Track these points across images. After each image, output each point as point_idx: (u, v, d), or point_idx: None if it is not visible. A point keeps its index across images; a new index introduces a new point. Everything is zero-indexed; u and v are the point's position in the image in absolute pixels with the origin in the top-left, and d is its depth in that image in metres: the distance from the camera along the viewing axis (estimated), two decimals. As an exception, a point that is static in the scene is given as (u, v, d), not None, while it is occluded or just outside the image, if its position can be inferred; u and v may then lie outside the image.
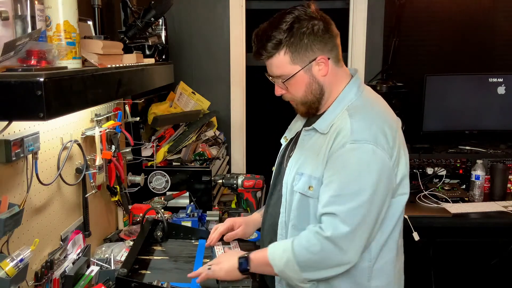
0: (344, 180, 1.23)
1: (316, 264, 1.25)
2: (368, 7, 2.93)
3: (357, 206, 1.21)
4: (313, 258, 1.25)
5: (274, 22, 1.29)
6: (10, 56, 1.02)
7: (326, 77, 1.32)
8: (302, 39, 1.27)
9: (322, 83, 1.33)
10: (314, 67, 1.30)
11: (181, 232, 1.90)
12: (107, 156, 1.80)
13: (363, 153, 1.22)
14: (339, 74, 1.35)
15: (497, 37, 2.98)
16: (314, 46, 1.28)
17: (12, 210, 1.19)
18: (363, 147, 1.22)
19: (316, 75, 1.31)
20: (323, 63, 1.30)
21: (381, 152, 1.23)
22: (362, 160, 1.22)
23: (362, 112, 1.30)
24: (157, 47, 2.13)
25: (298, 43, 1.27)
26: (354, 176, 1.23)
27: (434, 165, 2.70)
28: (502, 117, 2.84)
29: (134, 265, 1.61)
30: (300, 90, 1.34)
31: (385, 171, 1.24)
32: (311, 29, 1.27)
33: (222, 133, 2.98)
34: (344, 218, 1.21)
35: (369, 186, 1.22)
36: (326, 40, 1.29)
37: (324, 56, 1.29)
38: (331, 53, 1.31)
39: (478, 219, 2.36)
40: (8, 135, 1.23)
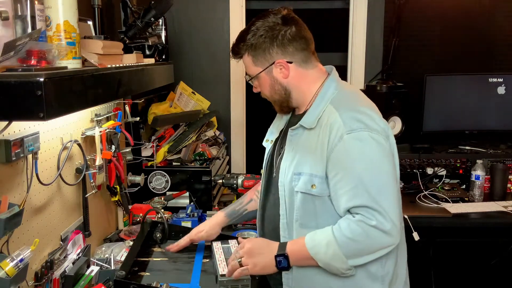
0: (356, 172, 1.27)
1: (363, 251, 1.28)
2: (368, 7, 2.93)
3: (379, 191, 1.26)
4: (359, 247, 1.27)
5: (248, 26, 1.41)
6: (10, 56, 1.02)
7: (289, 79, 1.39)
8: (261, 43, 1.36)
9: (286, 84, 1.40)
10: (274, 69, 1.38)
11: (180, 233, 1.90)
12: (107, 156, 1.80)
13: (363, 140, 1.27)
14: (309, 75, 1.41)
15: (497, 37, 2.98)
16: (272, 51, 1.36)
17: (12, 210, 1.19)
18: (360, 135, 1.27)
19: (277, 77, 1.39)
20: (282, 66, 1.37)
21: (376, 135, 1.29)
22: (365, 147, 1.27)
23: (347, 103, 1.36)
24: (157, 47, 2.13)
25: (258, 47, 1.37)
26: (363, 165, 1.27)
27: (434, 165, 2.70)
28: (502, 117, 2.84)
29: (133, 267, 1.60)
30: (266, 90, 1.44)
31: (386, 150, 1.31)
32: (271, 35, 1.35)
33: (222, 133, 2.98)
34: (376, 206, 1.25)
35: (381, 169, 1.28)
36: (286, 45, 1.36)
37: (282, 60, 1.37)
38: (293, 57, 1.37)
39: (478, 219, 2.36)
40: (8, 135, 1.23)
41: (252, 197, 1.77)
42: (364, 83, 2.97)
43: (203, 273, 1.61)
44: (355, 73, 3.00)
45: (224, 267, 1.53)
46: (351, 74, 3.02)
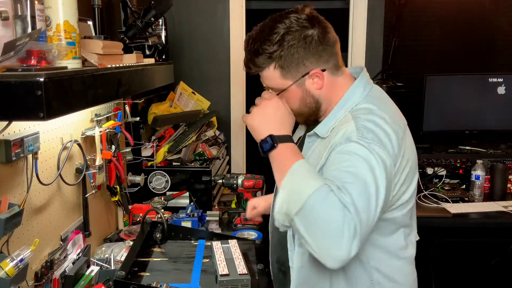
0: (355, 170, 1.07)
1: (314, 223, 1.02)
2: (368, 7, 2.93)
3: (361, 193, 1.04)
4: (317, 218, 1.02)
5: (264, 31, 1.19)
6: (10, 56, 1.02)
7: (322, 89, 1.22)
8: (293, 53, 1.16)
9: (318, 96, 1.23)
10: (307, 81, 1.21)
11: (180, 233, 1.90)
12: (107, 156, 1.80)
13: (372, 150, 1.09)
14: (338, 82, 1.24)
15: (497, 37, 2.98)
16: (306, 61, 1.18)
17: (12, 210, 1.19)
18: (371, 145, 1.09)
19: (310, 89, 1.22)
20: (317, 76, 1.20)
21: (385, 154, 1.11)
22: (372, 156, 1.08)
23: (367, 113, 1.18)
24: (157, 47, 2.13)
25: (288, 58, 1.17)
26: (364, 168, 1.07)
27: (434, 165, 2.70)
28: (502, 117, 2.84)
29: (133, 267, 1.60)
30: (294, 104, 1.25)
31: (388, 171, 1.11)
32: (303, 42, 1.16)
33: (222, 133, 2.98)
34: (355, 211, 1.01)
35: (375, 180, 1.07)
36: (320, 52, 1.18)
37: (317, 70, 1.19)
38: (327, 64, 1.21)
39: (478, 219, 2.36)
40: (8, 135, 1.23)
41: None
42: (364, 83, 2.96)
43: (203, 273, 1.61)
44: (355, 73, 3.00)
45: (224, 267, 1.53)
46: (351, 74, 3.02)
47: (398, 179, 1.16)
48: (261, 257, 1.72)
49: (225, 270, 1.51)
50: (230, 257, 1.61)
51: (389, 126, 1.16)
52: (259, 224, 2.09)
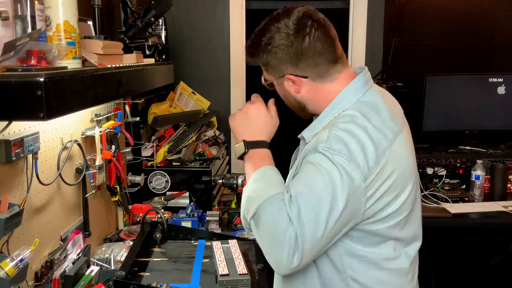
0: (311, 182, 1.08)
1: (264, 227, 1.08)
2: (368, 7, 2.93)
3: (312, 206, 1.05)
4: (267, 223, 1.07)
5: (258, 30, 1.24)
6: (10, 56, 1.02)
7: (302, 93, 1.23)
8: (273, 57, 1.21)
9: (299, 99, 1.25)
10: (285, 82, 1.23)
11: (180, 233, 1.90)
12: (107, 156, 1.80)
13: (335, 163, 1.07)
14: (326, 89, 1.22)
15: (497, 37, 2.99)
16: (282, 66, 1.21)
17: (12, 210, 1.19)
18: (336, 157, 1.08)
19: (289, 90, 1.24)
20: (293, 81, 1.22)
21: (353, 170, 1.07)
22: (334, 169, 1.07)
23: (348, 121, 1.15)
24: (157, 47, 2.13)
25: (270, 59, 1.22)
26: (322, 182, 1.07)
27: (434, 165, 2.70)
28: (502, 117, 2.84)
29: (133, 267, 1.60)
30: (282, 96, 1.31)
31: (353, 190, 1.08)
32: (284, 48, 1.18)
33: (222, 133, 2.98)
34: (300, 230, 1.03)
35: (333, 198, 1.05)
36: (296, 61, 1.19)
37: (292, 76, 1.21)
38: (305, 72, 1.20)
39: (478, 219, 2.36)
40: (8, 135, 1.23)
41: None
42: (364, 83, 2.96)
43: (203, 273, 1.61)
44: (355, 73, 3.00)
45: (224, 267, 1.53)
46: (351, 74, 3.02)
47: (373, 192, 1.11)
48: (261, 257, 1.72)
49: (225, 270, 1.52)
50: (230, 257, 1.61)
51: (368, 136, 1.12)
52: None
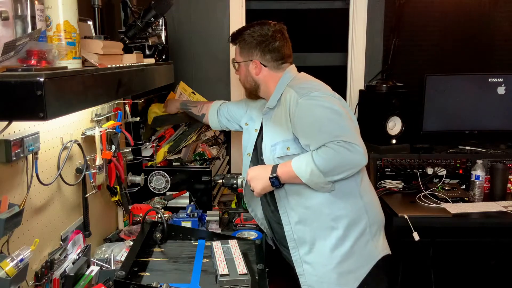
0: (315, 121, 1.60)
1: (336, 167, 1.55)
2: (368, 7, 2.93)
3: (339, 128, 1.57)
4: (332, 163, 1.54)
5: (248, 25, 1.85)
6: (10, 56, 1.02)
7: (259, 76, 1.82)
8: (250, 43, 1.80)
9: (256, 79, 1.83)
10: (250, 65, 1.82)
11: (180, 233, 1.90)
12: (107, 156, 1.80)
13: (315, 97, 1.62)
14: (277, 77, 1.80)
15: (497, 37, 2.99)
16: (253, 52, 1.80)
17: (12, 210, 1.19)
18: (311, 95, 1.63)
19: (251, 72, 1.83)
20: (256, 66, 1.81)
21: (326, 95, 1.66)
22: (318, 103, 1.61)
23: (301, 81, 1.74)
24: (157, 47, 2.13)
25: (246, 44, 1.81)
26: (320, 115, 1.60)
27: (434, 165, 2.70)
28: (502, 117, 2.84)
29: (133, 267, 1.60)
30: (241, 76, 1.89)
31: (337, 102, 1.67)
32: (258, 41, 1.78)
33: (222, 133, 2.98)
34: (341, 136, 1.54)
35: (336, 115, 1.60)
36: (265, 52, 1.79)
37: (258, 62, 1.80)
38: (268, 63, 1.80)
39: (478, 219, 2.36)
40: (8, 135, 1.23)
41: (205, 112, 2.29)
42: (364, 83, 2.97)
43: (203, 273, 1.61)
44: (355, 73, 3.00)
45: (224, 267, 1.54)
46: (351, 74, 3.02)
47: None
48: (261, 257, 1.72)
49: (225, 270, 1.52)
50: (230, 257, 1.61)
51: (317, 83, 1.75)
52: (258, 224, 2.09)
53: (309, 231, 1.68)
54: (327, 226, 1.66)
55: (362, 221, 1.68)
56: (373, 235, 1.71)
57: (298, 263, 1.71)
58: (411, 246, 2.27)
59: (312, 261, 1.69)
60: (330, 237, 1.66)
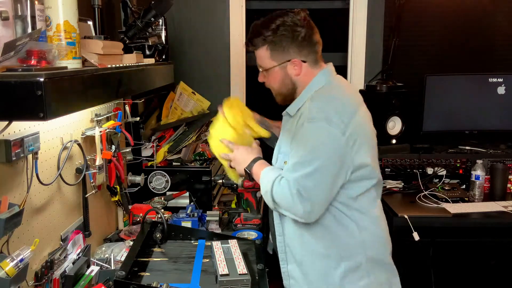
0: (302, 151, 1.42)
1: (282, 205, 1.44)
2: (368, 7, 2.93)
3: (311, 172, 1.39)
4: (282, 201, 1.43)
5: (266, 20, 1.52)
6: (10, 56, 1.02)
7: (299, 76, 1.54)
8: (282, 41, 1.50)
9: (295, 81, 1.56)
10: (288, 66, 1.53)
11: (180, 233, 1.90)
12: (107, 156, 1.80)
13: (317, 129, 1.42)
14: (315, 74, 1.55)
15: (497, 37, 2.99)
16: (290, 49, 1.51)
17: (12, 210, 1.19)
18: (316, 124, 1.42)
19: (290, 73, 1.54)
20: (296, 64, 1.52)
21: (333, 129, 1.40)
22: (316, 135, 1.42)
23: (322, 96, 1.49)
24: (157, 47, 2.13)
25: (277, 44, 1.50)
26: (309, 147, 1.42)
27: (434, 165, 2.70)
28: (502, 117, 2.84)
29: (133, 267, 1.60)
30: (276, 83, 1.58)
31: (336, 145, 1.41)
32: (291, 35, 1.49)
33: (222, 133, 2.98)
34: (302, 183, 1.39)
35: (321, 156, 1.40)
36: (303, 47, 1.51)
37: (297, 60, 1.52)
38: (306, 57, 1.53)
39: (478, 219, 2.36)
40: (8, 135, 1.23)
41: None
42: (364, 83, 2.97)
43: (203, 273, 1.61)
44: (355, 73, 3.00)
45: (224, 267, 1.54)
46: (351, 74, 3.02)
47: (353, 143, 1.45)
48: (261, 257, 1.72)
49: (225, 270, 1.52)
50: (230, 257, 1.61)
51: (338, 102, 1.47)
52: (259, 224, 2.09)
53: (299, 250, 1.55)
54: (318, 251, 1.52)
55: (357, 256, 1.50)
56: (369, 272, 1.51)
57: (285, 275, 1.62)
58: (411, 246, 2.27)
59: (298, 278, 1.57)
60: (319, 263, 1.52)
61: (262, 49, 1.53)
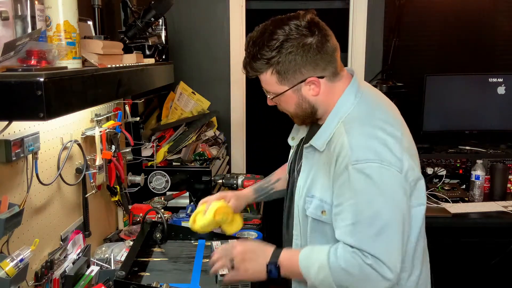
0: (356, 207, 1.14)
1: (352, 285, 1.16)
2: (368, 7, 2.93)
3: (376, 233, 1.12)
4: (351, 279, 1.15)
5: (264, 36, 1.19)
6: (10, 56, 1.02)
7: (319, 96, 1.24)
8: (291, 61, 1.18)
9: (314, 102, 1.25)
10: (303, 87, 1.23)
11: (180, 233, 1.90)
12: (107, 156, 1.80)
13: (369, 174, 1.12)
14: (336, 88, 1.25)
15: (497, 37, 2.98)
16: (303, 68, 1.19)
17: (12, 210, 1.19)
18: (367, 168, 1.12)
19: (306, 95, 1.24)
20: (314, 84, 1.22)
21: (388, 168, 1.13)
22: (370, 182, 1.12)
23: (359, 125, 1.19)
24: (157, 47, 2.13)
25: (286, 65, 1.19)
26: (365, 201, 1.13)
27: (434, 165, 2.70)
28: (502, 117, 2.84)
29: (133, 267, 1.60)
30: (290, 107, 1.29)
31: (398, 186, 1.16)
32: (301, 50, 1.17)
33: (222, 133, 2.98)
34: (372, 251, 1.12)
35: (384, 208, 1.13)
36: (318, 60, 1.19)
37: (314, 78, 1.21)
38: (324, 71, 1.22)
39: (478, 219, 2.36)
40: (8, 135, 1.23)
41: (280, 177, 1.65)
42: (364, 83, 2.97)
43: (203, 273, 1.61)
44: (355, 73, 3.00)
45: (224, 267, 1.53)
46: (351, 74, 3.02)
47: (410, 177, 1.22)
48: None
49: (225, 270, 1.51)
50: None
51: (383, 132, 1.18)
52: (259, 224, 2.09)
53: None
54: None
55: None
56: None
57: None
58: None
59: None
60: None
61: (267, 74, 1.22)
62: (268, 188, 1.66)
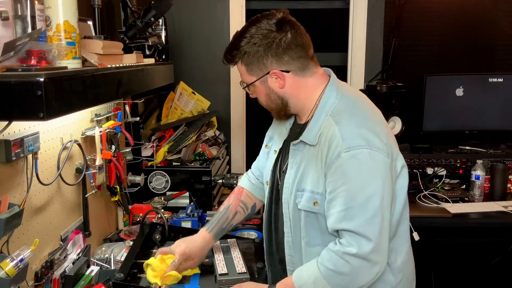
0: (349, 192, 1.20)
1: (349, 282, 1.23)
2: (368, 7, 2.93)
3: (371, 216, 1.19)
4: (346, 278, 1.22)
5: (241, 31, 1.34)
6: (10, 56, 1.02)
7: (285, 88, 1.32)
8: (255, 53, 1.29)
9: (282, 94, 1.34)
10: (269, 79, 1.32)
11: (180, 234, 1.90)
12: (107, 156, 1.80)
13: (361, 159, 1.20)
14: (307, 82, 1.33)
15: (497, 37, 2.98)
16: (266, 61, 1.29)
17: (12, 210, 1.19)
18: (358, 154, 1.20)
19: (273, 87, 1.33)
20: (278, 76, 1.30)
21: (377, 153, 1.21)
22: (362, 167, 1.20)
23: (348, 115, 1.27)
24: (157, 47, 2.13)
25: (251, 56, 1.30)
26: (358, 185, 1.20)
27: (434, 165, 2.70)
28: (502, 117, 2.84)
29: (132, 269, 1.59)
30: (262, 98, 1.38)
31: (387, 170, 1.23)
32: (265, 43, 1.27)
33: (222, 133, 2.98)
34: (363, 232, 1.19)
35: (376, 192, 1.20)
36: (281, 54, 1.28)
37: (277, 71, 1.29)
38: (289, 66, 1.30)
39: (478, 219, 2.36)
40: (8, 135, 1.23)
41: (236, 210, 1.64)
42: (364, 83, 2.97)
43: (203, 273, 1.61)
44: (355, 73, 3.00)
45: (223, 267, 1.54)
46: (351, 74, 3.02)
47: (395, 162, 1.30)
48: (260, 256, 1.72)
49: (224, 270, 1.52)
50: (229, 256, 1.61)
51: (371, 118, 1.30)
52: (259, 224, 2.09)
53: None
54: None
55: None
56: None
57: None
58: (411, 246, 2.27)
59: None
60: None
61: (238, 65, 1.34)
62: (228, 227, 1.62)
